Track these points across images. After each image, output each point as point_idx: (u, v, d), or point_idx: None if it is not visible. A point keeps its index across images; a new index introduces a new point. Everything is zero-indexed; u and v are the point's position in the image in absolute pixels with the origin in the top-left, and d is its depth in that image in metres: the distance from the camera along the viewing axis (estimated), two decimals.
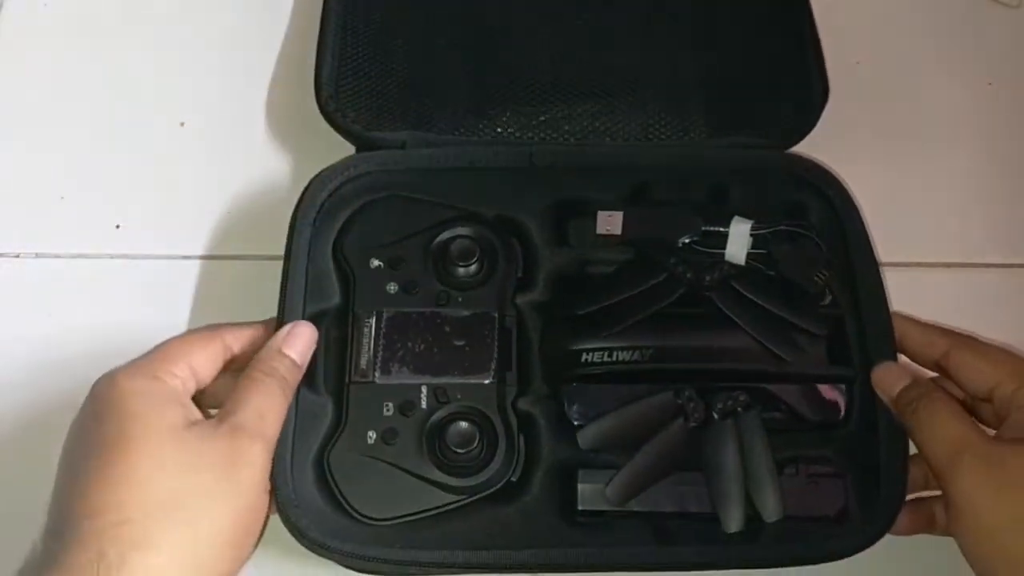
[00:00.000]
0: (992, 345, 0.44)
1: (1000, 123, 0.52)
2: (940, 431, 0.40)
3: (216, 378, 0.43)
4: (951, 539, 0.41)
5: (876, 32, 0.46)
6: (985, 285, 0.51)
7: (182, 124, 0.52)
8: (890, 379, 0.44)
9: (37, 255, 0.50)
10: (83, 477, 0.36)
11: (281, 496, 0.42)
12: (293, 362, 0.43)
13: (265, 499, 0.41)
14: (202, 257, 0.48)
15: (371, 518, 0.44)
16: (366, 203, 0.50)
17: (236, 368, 0.44)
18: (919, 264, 0.53)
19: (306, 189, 0.49)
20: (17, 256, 0.49)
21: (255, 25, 0.55)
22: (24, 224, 0.51)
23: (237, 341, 0.44)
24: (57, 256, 0.50)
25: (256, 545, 0.41)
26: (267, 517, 0.42)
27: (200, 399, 0.43)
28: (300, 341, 0.44)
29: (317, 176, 0.50)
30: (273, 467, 0.42)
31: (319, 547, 0.42)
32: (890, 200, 0.53)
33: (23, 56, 0.54)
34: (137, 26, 0.55)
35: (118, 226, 0.51)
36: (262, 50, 0.50)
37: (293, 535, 0.42)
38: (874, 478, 0.45)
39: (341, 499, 0.44)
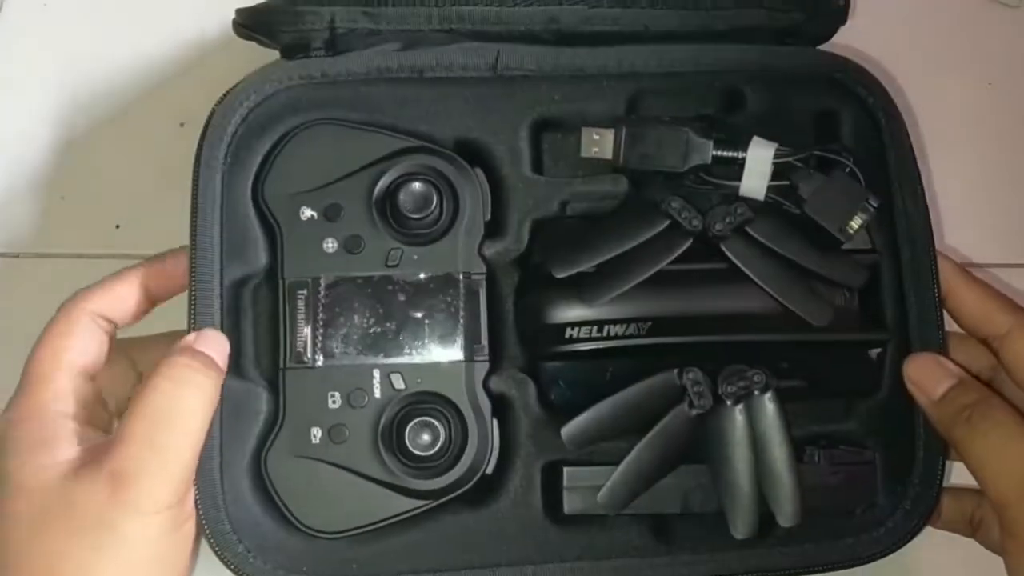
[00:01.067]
0: None
1: (1000, 123, 0.52)
2: (1006, 454, 0.33)
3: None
4: None
5: (876, 32, 0.40)
6: None
7: (182, 124, 0.50)
8: (932, 374, 0.36)
9: (37, 255, 0.49)
10: None
11: (208, 517, 0.36)
12: (209, 360, 0.35)
13: (175, 540, 0.34)
14: None
15: (320, 531, 0.38)
16: (289, 132, 0.40)
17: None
18: None
19: (212, 115, 0.39)
20: (17, 256, 0.49)
21: None
22: (24, 224, 0.50)
23: (108, 306, 0.38)
24: (57, 256, 0.49)
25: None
26: (193, 546, 0.36)
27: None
28: (213, 341, 0.36)
29: (224, 97, 0.39)
30: (196, 480, 0.35)
31: (256, 569, 0.36)
32: None
33: (23, 55, 0.52)
34: (137, 25, 0.53)
35: (118, 226, 0.50)
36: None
37: (226, 565, 0.36)
38: (907, 459, 0.39)
39: (283, 509, 0.37)
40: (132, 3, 0.52)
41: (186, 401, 0.34)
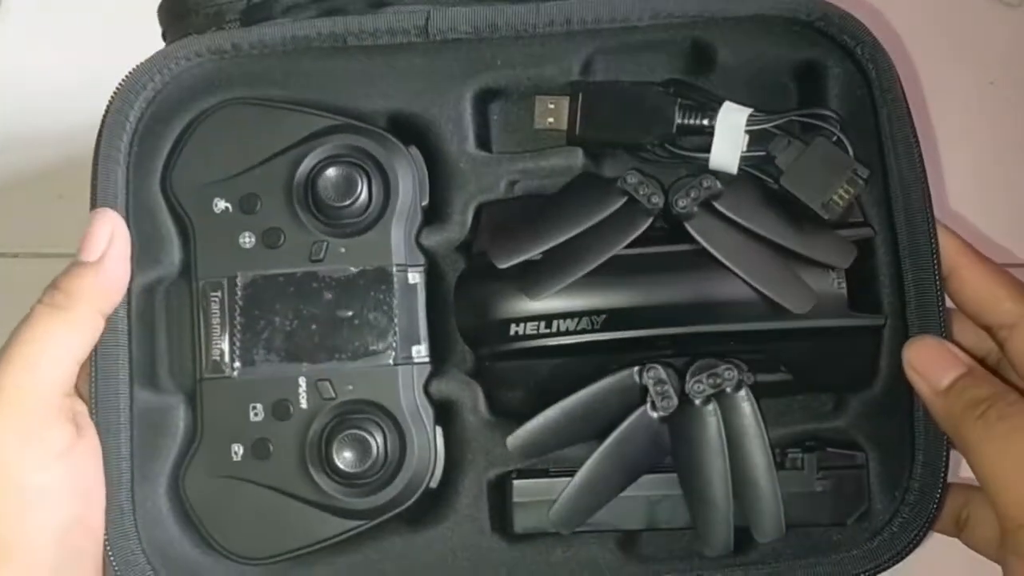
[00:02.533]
0: None
1: (1001, 123, 0.51)
2: None
3: None
4: None
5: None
6: None
7: None
8: (937, 363, 0.31)
9: (36, 255, 0.50)
10: None
11: (117, 548, 0.32)
12: (80, 265, 0.33)
13: (31, 472, 0.30)
14: None
15: (245, 557, 0.34)
16: (200, 114, 0.36)
17: None
18: None
19: (111, 101, 0.35)
20: (16, 256, 0.50)
21: None
22: (24, 224, 0.50)
23: None
24: (56, 256, 0.48)
25: (76, 534, 0.31)
26: (72, 494, 0.31)
27: None
28: (92, 235, 0.33)
29: (126, 79, 0.35)
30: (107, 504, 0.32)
31: None
32: None
33: (23, 54, 0.52)
34: (138, 25, 0.47)
35: None
36: None
37: None
38: (903, 459, 0.34)
39: (205, 534, 0.34)
40: (132, 2, 0.49)
41: (42, 326, 0.31)
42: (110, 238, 0.33)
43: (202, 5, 0.37)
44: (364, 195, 0.35)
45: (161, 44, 0.48)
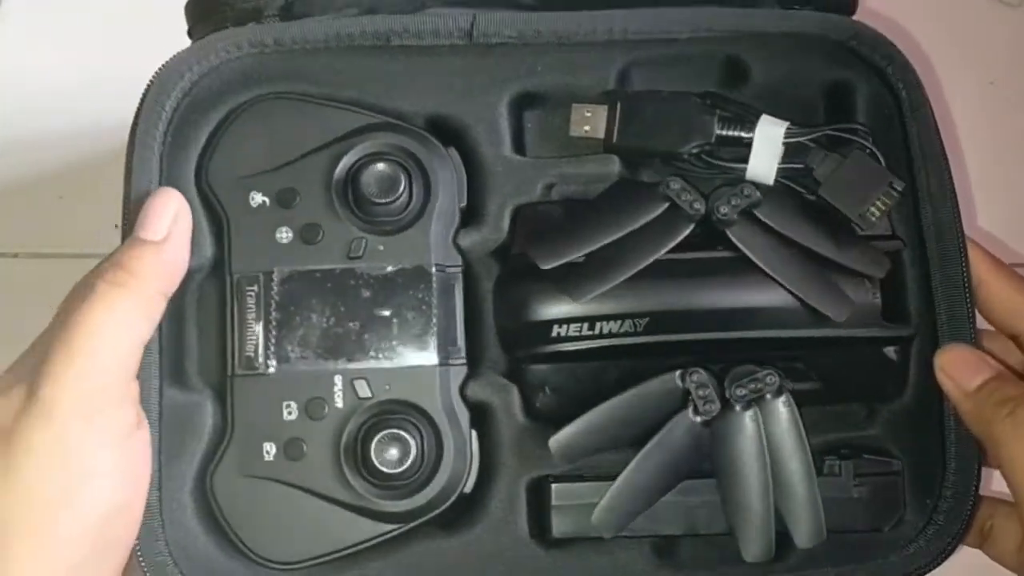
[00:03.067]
0: None
1: (1002, 122, 0.51)
2: None
3: None
4: None
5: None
6: None
7: None
8: (967, 367, 0.32)
9: (36, 255, 0.50)
10: None
11: (144, 549, 0.31)
12: (143, 242, 0.31)
13: (98, 453, 0.29)
14: None
15: (275, 561, 0.33)
16: (238, 107, 0.35)
17: None
18: None
19: (148, 90, 0.34)
20: (16, 256, 0.50)
21: None
22: (23, 224, 0.51)
23: None
24: (56, 256, 0.50)
25: (122, 515, 0.30)
26: (130, 476, 0.30)
27: None
28: (153, 213, 0.32)
29: (162, 68, 0.35)
30: None
31: None
32: None
33: (23, 54, 0.52)
34: (138, 24, 0.52)
35: (117, 226, 0.45)
36: None
37: None
38: (936, 467, 0.34)
39: (233, 537, 0.33)
40: (132, 3, 0.52)
41: (107, 305, 0.30)
42: (174, 217, 0.32)
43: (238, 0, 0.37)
44: (405, 193, 0.34)
45: (162, 45, 0.49)
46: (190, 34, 0.39)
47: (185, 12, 0.39)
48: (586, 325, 0.33)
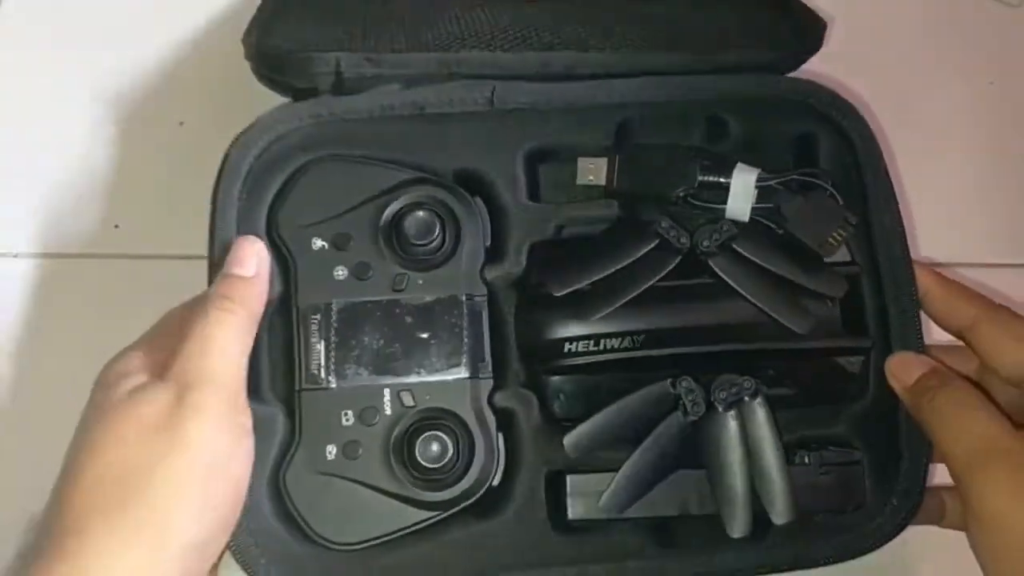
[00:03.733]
0: None
1: (1001, 122, 0.51)
2: (962, 426, 0.36)
3: None
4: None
5: (877, 31, 0.42)
6: (986, 285, 0.47)
7: (181, 123, 0.51)
8: (908, 367, 0.39)
9: (36, 255, 0.49)
10: (62, 465, 0.35)
11: (233, 534, 0.38)
12: (237, 277, 0.38)
13: (235, 446, 0.36)
14: (201, 257, 0.43)
15: (338, 543, 0.39)
16: (300, 167, 0.42)
17: None
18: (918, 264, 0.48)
19: (228, 154, 0.41)
20: (16, 256, 0.49)
21: None
22: (23, 224, 0.50)
23: None
24: (56, 256, 0.49)
25: (238, 502, 0.37)
26: (250, 464, 0.37)
27: None
28: (245, 255, 0.39)
29: (239, 137, 0.42)
30: None
31: None
32: None
33: (22, 54, 0.52)
34: (137, 25, 0.53)
35: (117, 226, 0.50)
36: None
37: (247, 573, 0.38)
38: (892, 459, 0.40)
39: (303, 524, 0.39)
40: (131, 3, 0.53)
41: (220, 316, 0.37)
42: (259, 258, 0.39)
43: (299, 80, 0.44)
44: (439, 236, 0.41)
45: (162, 45, 0.52)
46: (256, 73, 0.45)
47: (251, 67, 0.44)
48: (592, 342, 0.40)
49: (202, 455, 0.35)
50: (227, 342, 0.36)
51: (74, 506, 0.33)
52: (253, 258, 0.39)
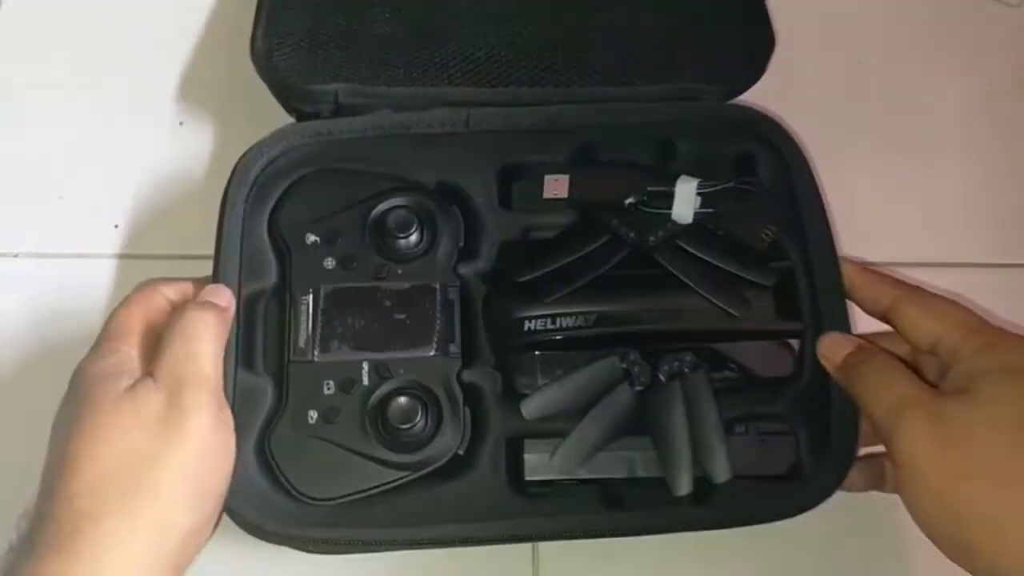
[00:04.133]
0: (938, 296, 0.43)
1: (1001, 122, 0.52)
2: (881, 388, 0.39)
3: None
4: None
5: (877, 31, 0.45)
6: (985, 285, 0.50)
7: (181, 123, 0.52)
8: (836, 347, 0.43)
9: (36, 255, 0.50)
10: (48, 459, 0.39)
11: None
12: (213, 304, 0.43)
13: (221, 438, 0.40)
14: (201, 257, 0.47)
15: (315, 498, 0.43)
16: (300, 177, 0.48)
17: None
18: (919, 264, 0.52)
19: (237, 165, 0.48)
20: (16, 256, 0.50)
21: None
22: (23, 224, 0.51)
23: (175, 293, 0.44)
24: (56, 256, 0.50)
25: (223, 493, 0.40)
26: (233, 460, 0.41)
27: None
28: (219, 291, 0.44)
29: (249, 151, 0.48)
30: None
31: (261, 532, 0.42)
32: (891, 199, 0.53)
33: (22, 55, 0.53)
34: (136, 26, 0.55)
35: (116, 226, 0.51)
36: None
37: (233, 520, 0.42)
38: (826, 432, 0.44)
39: (283, 480, 0.43)
40: (131, 3, 0.55)
41: (202, 326, 0.41)
42: (230, 298, 0.44)
43: (303, 105, 0.51)
44: (417, 233, 0.47)
45: (162, 45, 0.54)
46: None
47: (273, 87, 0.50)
48: (549, 320, 0.45)
49: (199, 449, 0.39)
50: (209, 351, 0.41)
51: (81, 494, 0.36)
52: (227, 296, 0.44)
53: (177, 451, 0.38)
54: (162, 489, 0.37)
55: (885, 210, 0.52)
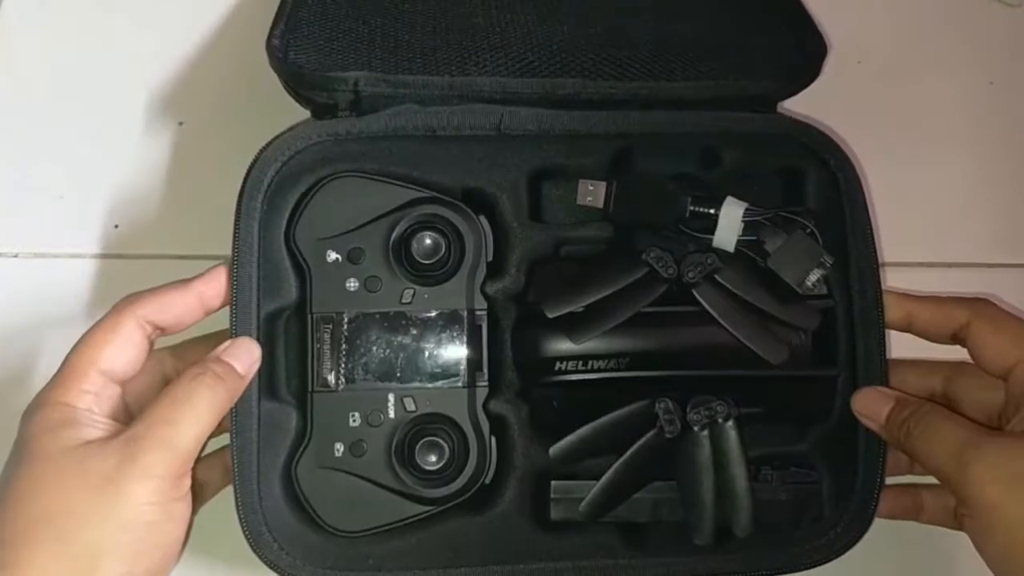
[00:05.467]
0: (1012, 317, 0.42)
1: (1001, 122, 0.52)
2: (941, 438, 0.39)
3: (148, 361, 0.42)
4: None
5: (877, 31, 0.42)
6: (986, 285, 0.50)
7: (181, 123, 0.51)
8: (874, 405, 0.42)
9: (36, 255, 0.50)
10: None
11: (247, 519, 0.42)
12: (230, 368, 0.41)
13: (168, 511, 0.38)
14: (201, 257, 0.46)
15: (341, 531, 0.44)
16: (318, 182, 0.45)
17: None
18: (920, 264, 0.52)
19: (251, 170, 0.44)
20: (16, 256, 0.50)
21: (260, 22, 0.49)
22: (23, 224, 0.50)
23: (158, 314, 0.41)
24: (56, 256, 0.50)
25: (172, 556, 0.39)
26: (186, 526, 0.40)
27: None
28: (243, 354, 0.41)
29: (262, 152, 0.44)
30: (238, 482, 0.42)
31: (282, 568, 0.42)
32: (892, 199, 0.52)
33: (22, 55, 0.53)
34: (136, 25, 0.54)
35: (116, 226, 0.50)
36: (261, 46, 0.45)
37: (262, 560, 0.42)
38: (852, 478, 0.44)
39: (311, 512, 0.44)
40: (131, 3, 0.54)
41: (199, 395, 0.39)
42: (253, 363, 0.41)
43: (319, 96, 0.46)
44: (445, 254, 0.44)
45: (162, 45, 0.53)
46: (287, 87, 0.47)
47: (286, 77, 0.46)
48: (581, 362, 0.44)
49: (136, 514, 0.37)
50: (197, 420, 0.38)
51: (8, 541, 0.35)
52: (248, 360, 0.41)
53: (115, 511, 0.36)
54: (89, 547, 0.36)
55: (886, 211, 0.50)
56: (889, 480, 0.45)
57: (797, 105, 0.49)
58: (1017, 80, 0.53)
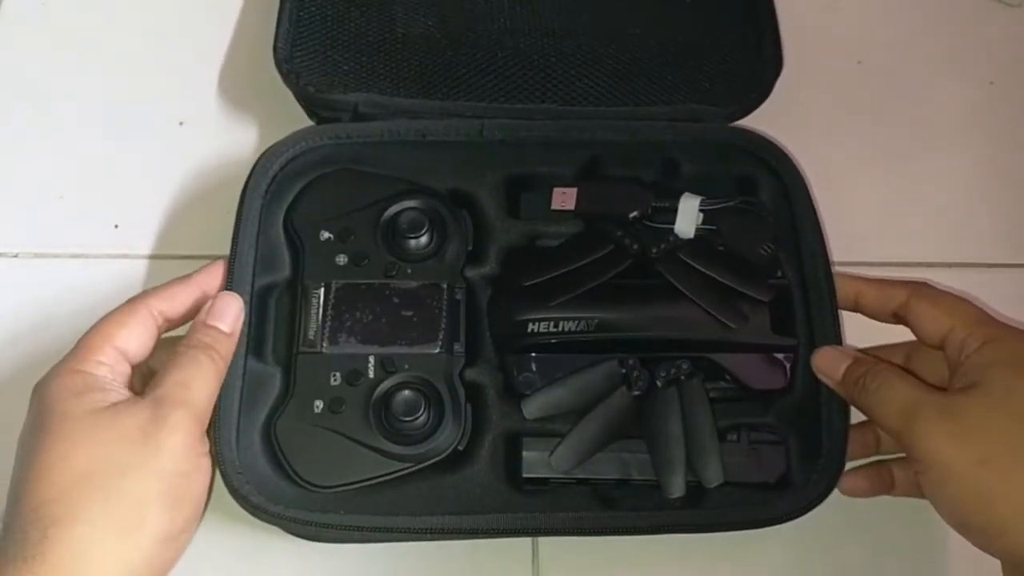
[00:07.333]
0: (948, 293, 0.44)
1: (1002, 122, 0.53)
2: (891, 396, 0.41)
3: (156, 348, 0.44)
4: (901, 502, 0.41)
5: (877, 31, 0.46)
6: (986, 285, 0.50)
7: (181, 124, 0.53)
8: (832, 362, 0.44)
9: (36, 255, 0.50)
10: (15, 474, 0.38)
11: (225, 462, 0.43)
12: (219, 331, 0.43)
13: (198, 464, 0.40)
14: (201, 257, 0.48)
15: (317, 485, 0.44)
16: (318, 176, 0.50)
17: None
18: (920, 264, 0.53)
19: (257, 162, 0.49)
20: (16, 256, 0.50)
21: (260, 22, 0.55)
22: (23, 224, 0.51)
23: (167, 305, 0.44)
24: (56, 256, 0.50)
25: (201, 508, 0.41)
26: (209, 482, 0.42)
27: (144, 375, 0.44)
28: (227, 311, 0.44)
29: (268, 149, 0.50)
30: (217, 434, 0.43)
31: (262, 512, 0.43)
32: (892, 199, 0.53)
33: (21, 55, 0.54)
34: (136, 25, 0.55)
35: (117, 226, 0.51)
36: (261, 46, 0.49)
37: (236, 500, 0.43)
38: (816, 442, 0.45)
39: (287, 467, 0.44)
40: (131, 3, 0.55)
41: (199, 360, 0.42)
42: (238, 316, 0.44)
43: (322, 112, 0.53)
44: (427, 235, 0.48)
45: (161, 45, 0.54)
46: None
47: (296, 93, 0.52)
48: (552, 323, 0.46)
49: (173, 464, 0.39)
50: (205, 382, 0.41)
51: (49, 501, 0.36)
52: (232, 316, 0.44)
53: (152, 462, 0.38)
54: (134, 496, 0.38)
55: (885, 210, 0.52)
56: (861, 461, 0.46)
57: (797, 106, 0.51)
58: (1017, 80, 0.53)
